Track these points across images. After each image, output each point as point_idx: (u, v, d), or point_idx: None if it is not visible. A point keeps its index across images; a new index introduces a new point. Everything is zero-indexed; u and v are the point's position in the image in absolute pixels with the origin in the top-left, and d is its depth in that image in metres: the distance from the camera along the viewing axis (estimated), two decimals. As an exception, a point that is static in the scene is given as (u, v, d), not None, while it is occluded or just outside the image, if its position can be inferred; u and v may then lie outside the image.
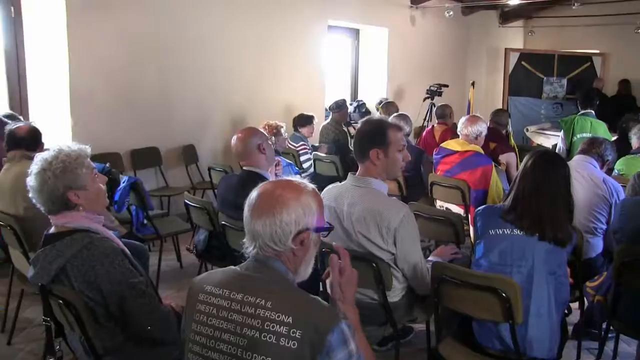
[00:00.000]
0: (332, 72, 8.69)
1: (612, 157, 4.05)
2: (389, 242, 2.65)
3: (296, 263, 1.68)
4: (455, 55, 10.65)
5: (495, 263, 2.60)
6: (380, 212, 2.63)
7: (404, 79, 9.41)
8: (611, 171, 4.66)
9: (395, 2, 9.18)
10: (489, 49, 11.58)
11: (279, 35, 7.21)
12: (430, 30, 9.92)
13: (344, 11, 8.22)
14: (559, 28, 11.42)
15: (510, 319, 2.40)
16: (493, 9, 11.18)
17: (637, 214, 3.01)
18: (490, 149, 4.88)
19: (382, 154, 2.73)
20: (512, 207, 2.63)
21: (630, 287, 2.94)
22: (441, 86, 8.67)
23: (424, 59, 9.82)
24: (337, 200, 2.76)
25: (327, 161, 6.14)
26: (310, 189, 1.71)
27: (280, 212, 1.60)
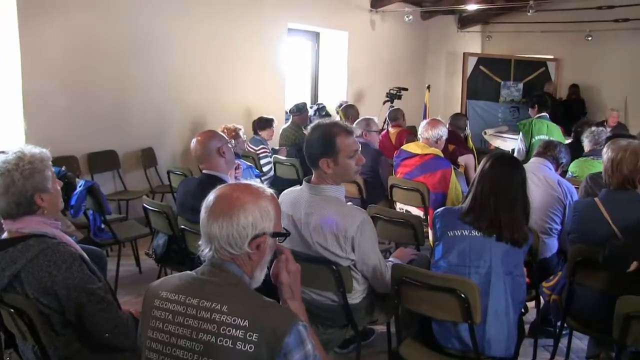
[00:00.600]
0: (292, 75, 8.68)
1: (567, 160, 4.15)
2: (347, 250, 2.64)
3: (252, 267, 1.67)
4: (415, 59, 10.77)
5: (454, 264, 2.63)
6: (337, 221, 2.61)
7: (364, 82, 9.47)
8: (565, 173, 4.78)
9: (355, 5, 9.23)
10: (447, 53, 11.75)
11: (239, 38, 7.17)
12: (390, 34, 10.01)
13: (304, 14, 8.23)
14: (515, 33, 11.67)
15: (469, 319, 2.44)
16: (451, 14, 11.35)
17: (588, 215, 3.09)
18: (449, 151, 4.95)
19: (331, 162, 2.65)
20: (470, 208, 2.67)
21: (582, 285, 3.02)
22: (401, 89, 8.75)
23: (383, 62, 9.89)
24: (294, 207, 2.73)
25: (287, 164, 6.13)
26: (269, 193, 1.69)
27: (238, 215, 1.59)
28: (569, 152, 4.19)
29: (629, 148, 3.01)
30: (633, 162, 2.96)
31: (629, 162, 2.96)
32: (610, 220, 2.96)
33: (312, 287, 2.84)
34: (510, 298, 2.58)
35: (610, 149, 3.11)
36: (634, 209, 2.93)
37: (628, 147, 3.02)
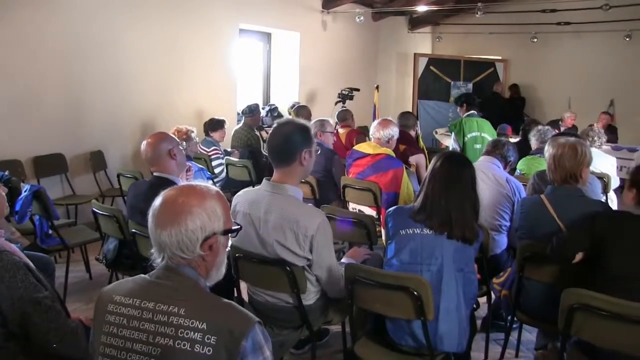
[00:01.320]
0: (244, 76, 8.63)
1: (514, 158, 4.26)
2: (305, 249, 2.64)
3: (207, 268, 1.66)
4: (366, 60, 10.86)
5: (406, 262, 2.66)
6: (297, 219, 2.61)
7: (316, 83, 9.49)
8: (514, 171, 4.90)
9: (307, 6, 9.25)
10: (398, 53, 11.88)
11: (190, 38, 7.09)
12: (341, 34, 10.06)
13: (256, 15, 8.19)
14: (465, 35, 11.89)
15: (422, 316, 2.47)
16: (402, 15, 11.48)
17: (534, 212, 3.18)
18: (400, 151, 4.99)
19: (308, 153, 2.70)
20: (422, 207, 2.71)
21: (530, 280, 3.11)
22: (352, 90, 8.81)
23: (335, 63, 9.94)
24: (252, 206, 2.71)
25: (239, 166, 6.10)
26: (214, 192, 1.67)
27: (185, 220, 1.57)
28: (516, 151, 4.30)
29: (567, 144, 3.13)
30: (573, 157, 3.07)
31: (569, 157, 3.07)
32: (555, 216, 3.05)
33: (266, 289, 2.84)
34: (461, 294, 2.63)
35: (550, 146, 3.23)
36: (577, 204, 3.03)
37: (567, 143, 3.14)
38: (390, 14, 10.87)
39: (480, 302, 3.78)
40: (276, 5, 8.50)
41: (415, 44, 12.20)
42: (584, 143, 3.25)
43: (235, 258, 2.81)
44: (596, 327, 2.42)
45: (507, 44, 11.50)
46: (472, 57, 11.78)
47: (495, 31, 11.09)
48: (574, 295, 2.43)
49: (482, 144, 6.17)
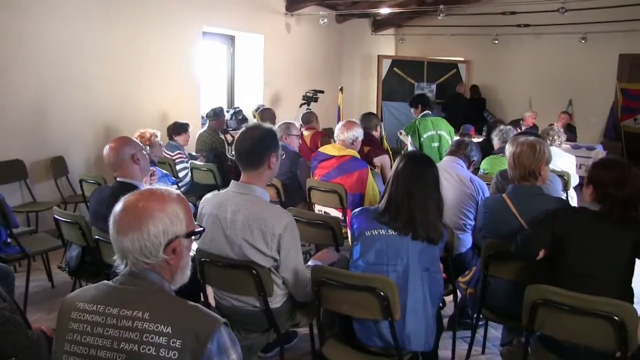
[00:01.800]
0: (207, 79, 8.56)
1: (478, 158, 4.32)
2: (272, 248, 2.64)
3: (171, 271, 1.65)
4: (330, 62, 10.89)
5: (372, 263, 2.67)
6: (265, 219, 2.62)
7: (281, 86, 9.47)
8: (477, 171, 4.97)
9: (270, 9, 9.22)
10: (362, 55, 11.94)
11: (152, 41, 7.01)
12: (305, 37, 10.07)
13: (219, 17, 8.14)
14: (428, 36, 12.03)
15: (389, 316, 2.49)
16: (366, 17, 11.55)
17: (497, 211, 3.23)
18: (364, 153, 5.01)
19: (275, 157, 2.75)
20: (386, 208, 2.73)
21: (495, 278, 3.16)
22: (317, 92, 8.82)
23: (299, 65, 9.94)
24: (219, 208, 2.71)
25: (204, 170, 6.05)
26: (175, 195, 1.67)
27: (147, 225, 1.56)
28: (479, 150, 4.36)
29: (526, 142, 3.23)
30: (531, 154, 3.16)
31: (528, 155, 3.16)
32: (517, 214, 3.11)
33: (233, 293, 2.82)
34: (428, 293, 2.65)
35: (510, 145, 3.34)
36: (538, 201, 3.10)
37: (526, 142, 3.24)
38: (354, 16, 10.93)
39: (446, 300, 3.81)
40: (239, 8, 8.46)
41: (379, 46, 12.29)
42: (543, 142, 3.34)
43: (201, 262, 2.78)
44: (558, 321, 2.47)
45: (470, 46, 11.67)
46: (435, 58, 11.92)
47: (458, 33, 11.26)
48: (536, 291, 2.48)
49: (439, 142, 6.21)
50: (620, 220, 2.66)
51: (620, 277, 2.65)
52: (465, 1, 11.08)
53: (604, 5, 8.55)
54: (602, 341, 2.38)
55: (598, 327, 2.36)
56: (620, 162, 2.88)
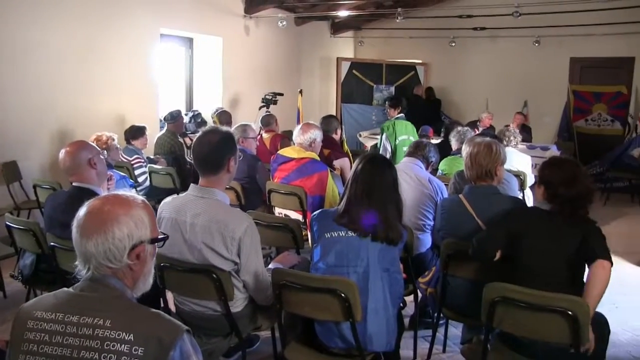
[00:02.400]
0: (166, 82, 8.46)
1: (436, 159, 4.38)
2: (232, 251, 2.63)
3: (134, 278, 1.63)
4: (290, 64, 10.88)
5: (332, 265, 2.68)
6: (225, 222, 2.60)
7: (240, 88, 9.42)
8: (436, 171, 5.03)
9: (229, 11, 9.17)
10: (321, 58, 11.97)
11: (109, 43, 6.87)
12: (264, 39, 10.04)
13: (177, 20, 8.05)
14: (386, 39, 12.13)
15: (350, 317, 2.50)
16: (324, 19, 11.58)
17: (454, 211, 3.29)
18: (324, 155, 5.02)
19: (234, 161, 2.76)
20: (346, 210, 2.74)
21: (454, 277, 3.20)
22: (276, 95, 8.81)
23: (259, 68, 9.91)
24: (179, 212, 2.69)
25: (163, 173, 5.97)
26: (140, 201, 1.66)
27: (112, 228, 1.55)
28: (438, 151, 4.42)
29: (483, 143, 3.30)
30: (488, 154, 3.22)
31: (485, 154, 3.22)
32: (474, 214, 3.16)
33: (193, 298, 2.79)
34: (388, 294, 2.67)
35: (468, 146, 3.41)
36: (493, 201, 3.16)
37: (482, 142, 3.31)
38: (313, 19, 10.95)
39: (407, 300, 3.84)
40: (198, 10, 8.38)
41: (338, 49, 12.34)
42: (499, 142, 3.41)
43: (161, 267, 2.74)
44: (515, 318, 2.52)
45: (427, 48, 11.83)
46: (394, 60, 12.04)
47: (416, 35, 11.38)
48: (494, 289, 2.53)
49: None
50: (570, 219, 2.73)
51: (572, 274, 2.72)
52: (423, 4, 11.22)
53: (555, 10, 8.76)
54: (557, 335, 2.45)
55: (553, 322, 2.42)
56: (569, 161, 2.95)
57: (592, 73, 10.51)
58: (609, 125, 10.22)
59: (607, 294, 4.27)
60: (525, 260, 2.76)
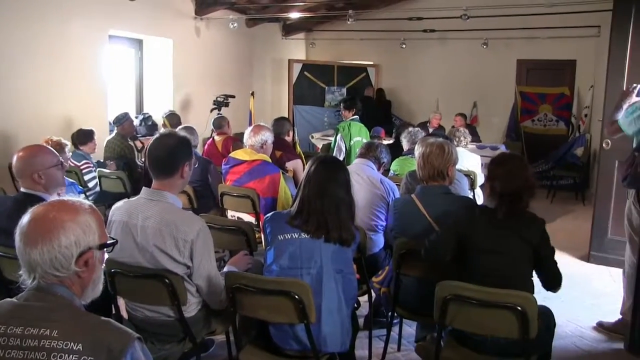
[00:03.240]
0: (115, 84, 8.29)
1: (387, 159, 4.42)
2: (185, 254, 2.60)
3: (82, 285, 1.59)
4: (241, 66, 10.82)
5: (285, 267, 2.68)
6: (177, 224, 2.58)
7: (191, 90, 9.32)
8: (387, 172, 5.09)
9: (179, 13, 9.06)
10: (273, 60, 11.95)
11: (54, 44, 6.69)
12: (215, 41, 9.96)
13: (126, 21, 7.90)
14: (338, 41, 12.18)
15: (304, 319, 2.50)
16: (276, 21, 11.56)
17: (406, 210, 3.32)
18: (276, 157, 5.02)
19: (188, 166, 2.75)
20: (298, 212, 2.74)
21: (407, 276, 3.24)
22: (227, 97, 8.76)
23: (210, 70, 9.82)
24: (130, 215, 2.66)
25: (113, 178, 5.85)
26: (87, 206, 1.62)
27: (58, 236, 1.50)
28: (389, 152, 4.46)
29: (435, 143, 3.35)
30: (440, 155, 3.28)
31: (437, 155, 3.27)
32: (426, 213, 3.21)
33: (146, 303, 2.75)
34: (342, 295, 2.69)
35: (420, 146, 3.45)
36: (445, 201, 3.22)
37: (435, 143, 3.36)
38: (264, 21, 10.92)
39: (361, 301, 3.88)
40: (147, 12, 8.24)
41: (290, 50, 12.34)
42: (451, 143, 3.46)
43: (111, 273, 2.69)
44: (467, 315, 2.58)
45: (378, 50, 11.93)
46: (345, 62, 12.11)
47: (367, 37, 11.48)
48: (446, 287, 2.57)
49: None
50: (510, 215, 2.78)
51: (519, 270, 2.78)
52: (374, 7, 11.31)
53: (502, 14, 8.97)
54: (507, 330, 2.51)
55: (503, 317, 2.49)
56: (512, 157, 2.99)
57: (537, 75, 10.81)
58: (554, 125, 10.53)
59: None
60: (474, 259, 2.82)
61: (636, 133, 3.91)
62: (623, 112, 4.02)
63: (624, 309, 4.06)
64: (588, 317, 4.38)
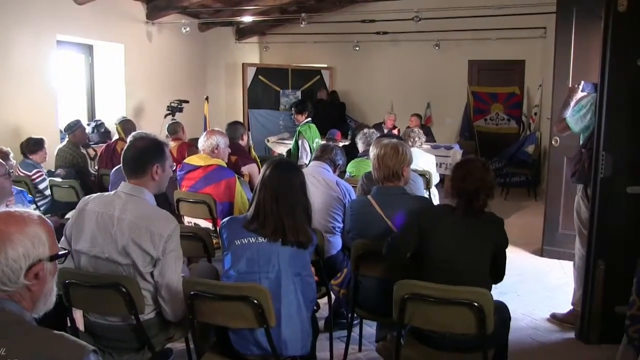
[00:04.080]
0: (65, 91, 8.10)
1: (343, 161, 4.44)
2: (159, 249, 2.61)
3: (33, 299, 1.54)
4: (195, 71, 10.71)
5: (243, 272, 2.67)
6: (155, 219, 2.64)
7: (144, 96, 9.17)
8: (344, 174, 5.11)
9: (130, 17, 8.91)
10: (227, 64, 11.88)
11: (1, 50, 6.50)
12: (168, 46, 9.84)
13: (75, 26, 7.72)
14: (291, 44, 12.20)
15: (264, 323, 2.50)
16: (229, 25, 11.49)
17: (363, 212, 3.35)
18: (232, 162, 4.99)
19: (160, 169, 2.78)
20: (255, 216, 2.74)
21: (366, 277, 3.27)
22: (181, 102, 8.67)
23: (163, 75, 9.69)
24: (106, 205, 2.68)
25: (65, 187, 5.72)
26: (36, 217, 1.58)
27: (4, 249, 1.46)
28: (344, 154, 4.48)
29: (390, 144, 3.39)
30: (395, 156, 3.31)
31: (392, 156, 3.31)
32: (382, 214, 3.24)
33: (102, 313, 2.71)
34: (301, 298, 2.69)
35: (375, 147, 3.50)
36: (401, 201, 3.26)
37: (389, 144, 3.40)
38: (217, 25, 10.85)
39: (320, 303, 3.88)
40: (97, 16, 8.06)
41: (244, 54, 12.29)
42: (405, 144, 3.51)
43: (65, 284, 2.63)
44: (425, 313, 2.62)
45: (332, 52, 12.00)
46: (299, 65, 12.14)
47: (320, 40, 11.53)
48: (404, 286, 2.60)
49: None
50: (468, 213, 2.86)
51: (479, 266, 2.85)
52: (326, 10, 11.37)
53: (453, 15, 9.14)
54: (464, 326, 2.57)
55: (460, 314, 2.54)
56: (473, 160, 3.09)
57: (488, 75, 11.05)
58: (506, 124, 10.78)
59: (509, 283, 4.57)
60: (434, 256, 2.87)
61: (582, 130, 4.04)
62: (570, 110, 4.14)
63: (575, 300, 4.19)
64: (542, 310, 4.49)
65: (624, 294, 3.04)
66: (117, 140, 6.76)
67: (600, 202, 3.50)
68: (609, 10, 3.32)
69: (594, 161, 3.57)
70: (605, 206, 3.51)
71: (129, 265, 2.63)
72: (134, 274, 2.64)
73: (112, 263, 2.64)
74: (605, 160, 3.41)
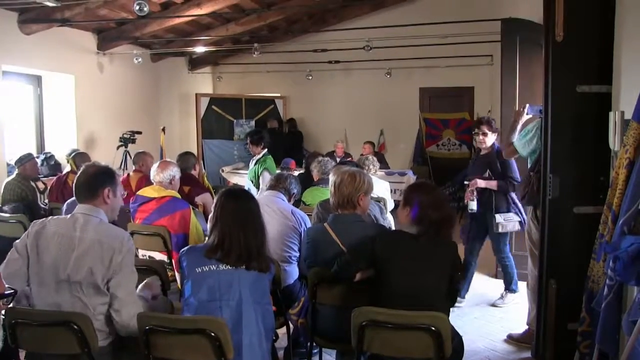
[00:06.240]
0: (12, 123, 7.89)
1: (297, 190, 4.44)
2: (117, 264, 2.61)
3: None
4: (148, 102, 10.62)
5: (204, 300, 2.66)
6: (113, 236, 2.66)
7: (96, 128, 9.02)
8: (299, 202, 5.11)
9: (80, 48, 8.79)
10: (180, 94, 11.81)
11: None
12: (120, 77, 9.74)
13: (21, 56, 7.57)
14: (244, 74, 12.24)
15: (222, 356, 2.46)
16: (182, 55, 11.48)
17: (319, 239, 3.35)
18: (185, 193, 4.93)
19: (112, 192, 2.81)
20: (219, 245, 2.75)
21: (323, 305, 3.26)
22: (134, 133, 8.56)
23: (115, 106, 9.56)
24: (67, 227, 2.68)
25: (12, 222, 5.52)
26: None
27: None
28: (299, 183, 4.49)
29: (347, 172, 3.43)
30: (351, 183, 3.33)
31: (348, 183, 3.33)
32: (339, 242, 3.24)
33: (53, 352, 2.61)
34: (262, 327, 2.69)
35: (333, 174, 3.54)
36: (356, 228, 3.27)
37: (347, 171, 3.44)
38: (170, 55, 10.82)
39: (279, 333, 3.84)
40: (45, 47, 7.93)
41: (197, 84, 12.26)
42: (365, 172, 3.54)
43: (12, 325, 2.53)
44: (383, 339, 2.63)
45: (285, 82, 12.10)
46: (253, 95, 12.19)
47: (273, 70, 11.61)
48: (362, 313, 2.61)
49: None
50: (436, 240, 2.91)
51: (439, 291, 2.89)
52: (279, 39, 11.47)
53: (404, 44, 9.33)
54: (422, 351, 2.58)
55: (418, 338, 2.56)
56: (432, 185, 3.17)
57: (439, 101, 11.33)
58: (458, 149, 11.01)
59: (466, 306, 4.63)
60: (393, 282, 2.88)
61: (530, 154, 4.15)
62: (517, 134, 4.26)
63: (530, 320, 4.26)
64: (499, 331, 4.56)
65: (576, 311, 3.13)
66: (69, 172, 6.59)
67: (550, 223, 3.59)
68: (548, 39, 3.46)
69: (542, 184, 3.66)
70: (555, 227, 3.60)
71: (89, 284, 2.59)
72: (93, 293, 2.61)
73: (71, 284, 2.60)
74: (553, 183, 3.50)
